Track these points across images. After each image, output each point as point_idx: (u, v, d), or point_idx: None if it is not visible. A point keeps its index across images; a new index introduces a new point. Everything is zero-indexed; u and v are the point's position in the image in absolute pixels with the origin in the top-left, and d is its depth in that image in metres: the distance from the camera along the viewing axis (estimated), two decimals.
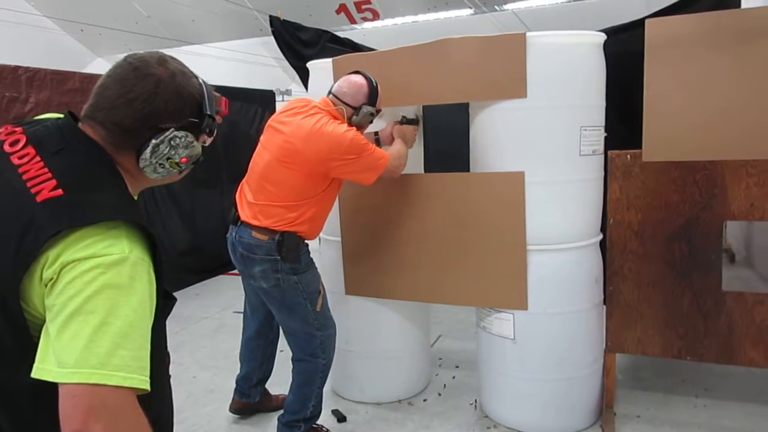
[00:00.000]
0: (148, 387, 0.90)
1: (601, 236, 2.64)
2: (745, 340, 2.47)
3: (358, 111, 2.38)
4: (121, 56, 1.08)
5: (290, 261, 2.29)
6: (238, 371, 2.79)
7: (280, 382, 2.84)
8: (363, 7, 6.52)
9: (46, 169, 0.96)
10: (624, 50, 2.66)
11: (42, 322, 0.91)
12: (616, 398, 2.82)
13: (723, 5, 2.82)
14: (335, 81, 2.48)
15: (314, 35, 4.04)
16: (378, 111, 2.45)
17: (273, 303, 2.41)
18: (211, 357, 3.66)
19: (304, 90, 3.30)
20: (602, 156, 2.56)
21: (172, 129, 1.05)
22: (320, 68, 2.85)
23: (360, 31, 6.65)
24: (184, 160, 1.09)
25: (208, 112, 1.11)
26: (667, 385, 3.00)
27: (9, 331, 0.92)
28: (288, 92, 6.88)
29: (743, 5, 2.88)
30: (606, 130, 2.55)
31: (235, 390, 2.81)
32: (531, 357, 2.54)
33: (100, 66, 7.69)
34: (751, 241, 5.37)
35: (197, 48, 7.55)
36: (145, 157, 1.04)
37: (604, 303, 2.67)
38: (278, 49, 4.16)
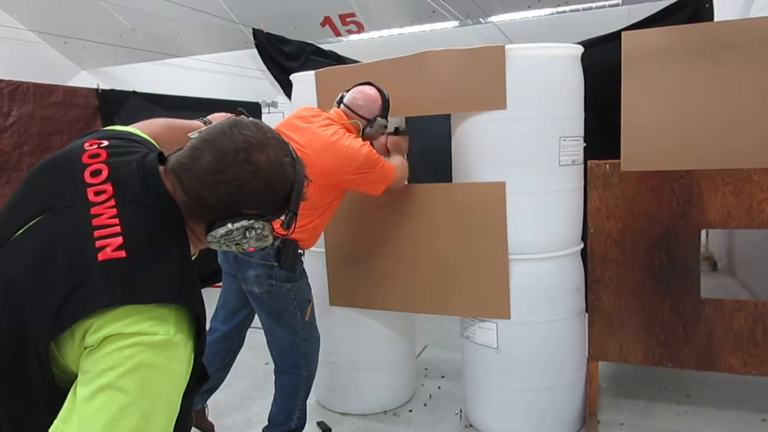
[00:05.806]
0: None
1: (582, 245, 2.68)
2: (724, 346, 2.50)
3: (372, 123, 2.37)
4: (106, 69, 1.05)
5: (287, 268, 2.28)
6: None
7: (264, 395, 2.82)
8: (348, 19, 6.57)
9: (117, 220, 0.93)
10: (603, 61, 2.70)
11: (70, 377, 0.90)
12: (600, 406, 2.84)
13: (697, 18, 2.89)
14: (318, 93, 2.47)
15: (298, 48, 4.07)
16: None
17: (262, 308, 2.39)
18: None
19: (289, 102, 3.31)
20: (582, 166, 2.60)
21: (253, 220, 1.01)
22: (303, 81, 2.87)
23: (345, 44, 6.70)
24: (251, 249, 1.05)
25: (293, 209, 1.05)
26: (649, 393, 3.03)
27: (38, 374, 0.91)
28: (274, 104, 6.89)
29: (716, 19, 2.95)
30: (585, 141, 2.60)
31: None
32: (514, 366, 2.56)
33: (85, 79, 7.64)
34: (732, 250, 5.44)
35: (182, 60, 7.54)
36: (215, 235, 1.01)
37: (586, 311, 2.70)
38: None
